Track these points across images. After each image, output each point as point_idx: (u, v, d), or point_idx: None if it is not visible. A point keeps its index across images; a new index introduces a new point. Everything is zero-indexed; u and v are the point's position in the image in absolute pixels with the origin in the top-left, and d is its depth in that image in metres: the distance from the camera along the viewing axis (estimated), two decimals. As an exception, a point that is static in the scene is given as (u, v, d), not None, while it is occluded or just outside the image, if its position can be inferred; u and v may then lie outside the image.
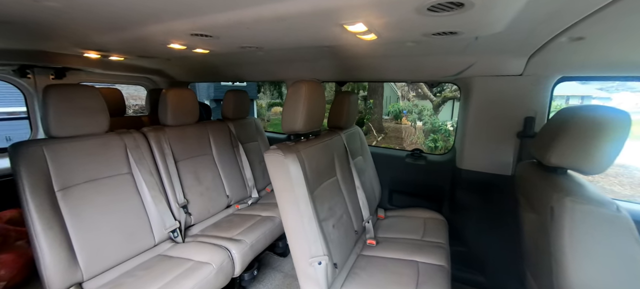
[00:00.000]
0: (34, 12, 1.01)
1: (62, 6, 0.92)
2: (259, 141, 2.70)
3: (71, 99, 1.39)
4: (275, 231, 1.97)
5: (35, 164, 1.26)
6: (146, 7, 0.94)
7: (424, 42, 1.33)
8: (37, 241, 1.20)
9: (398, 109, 10.92)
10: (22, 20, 1.14)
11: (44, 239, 1.21)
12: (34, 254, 1.21)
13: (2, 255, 1.80)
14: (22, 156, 1.24)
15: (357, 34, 1.13)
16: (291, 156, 1.22)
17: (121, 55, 2.04)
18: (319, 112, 1.48)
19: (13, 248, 1.87)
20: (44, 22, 1.14)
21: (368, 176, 2.09)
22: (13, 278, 1.79)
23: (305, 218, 1.23)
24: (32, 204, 1.21)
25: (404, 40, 1.28)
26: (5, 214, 2.04)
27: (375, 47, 1.47)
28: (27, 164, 1.24)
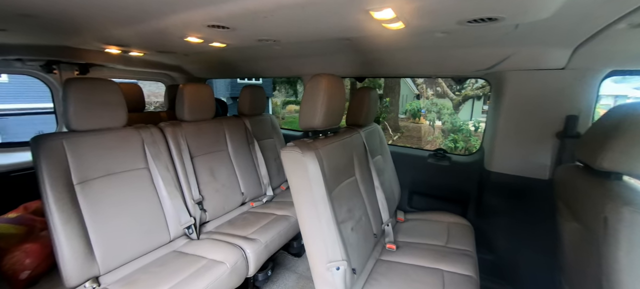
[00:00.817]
0: (57, 4, 0.99)
1: None
2: (275, 138, 2.66)
3: (90, 92, 1.40)
4: (290, 230, 1.91)
5: (55, 157, 1.27)
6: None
7: (455, 32, 1.21)
8: (56, 234, 1.21)
9: (416, 108, 10.60)
10: (46, 13, 1.14)
11: (62, 232, 1.22)
12: (53, 247, 1.22)
13: (28, 244, 1.86)
14: (43, 148, 1.25)
15: (382, 22, 1.04)
16: (309, 154, 1.15)
17: (141, 50, 2.06)
18: (339, 108, 1.40)
19: (38, 238, 1.92)
20: (67, 13, 1.13)
21: (387, 176, 1.98)
22: (37, 267, 1.84)
23: (323, 219, 1.16)
24: (51, 197, 1.22)
25: (434, 29, 1.17)
26: (32, 205, 2.11)
27: (399, 39, 1.37)
28: (47, 157, 1.25)
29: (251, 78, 14.08)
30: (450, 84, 9.57)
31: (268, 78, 12.44)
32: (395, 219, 1.98)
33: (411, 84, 15.46)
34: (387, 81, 10.00)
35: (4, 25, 1.34)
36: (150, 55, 2.30)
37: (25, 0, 0.99)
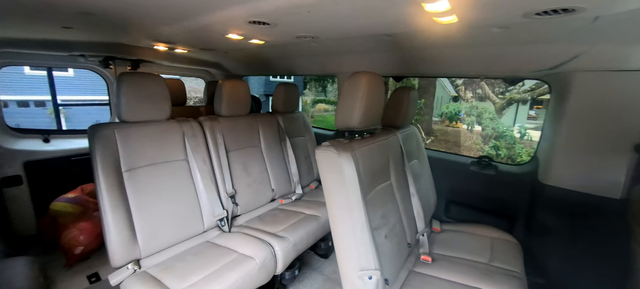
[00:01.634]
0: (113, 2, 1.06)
1: None
2: (306, 137, 2.65)
3: (140, 86, 1.49)
4: (319, 231, 1.88)
5: (107, 146, 1.37)
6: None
7: (516, 27, 1.07)
8: (105, 217, 1.30)
9: (454, 111, 9.96)
10: (104, 11, 1.22)
11: (110, 216, 1.31)
12: (103, 229, 1.31)
13: (82, 223, 2.06)
14: (98, 137, 1.35)
15: (434, 16, 0.95)
16: (345, 155, 1.10)
17: (185, 47, 2.16)
18: (378, 108, 1.33)
19: (91, 217, 2.12)
20: (121, 11, 1.21)
21: (424, 182, 1.86)
22: (89, 244, 2.03)
23: (357, 225, 1.10)
24: (103, 182, 1.32)
25: (491, 24, 1.05)
26: (87, 187, 2.33)
27: (448, 35, 1.26)
28: (101, 145, 1.35)
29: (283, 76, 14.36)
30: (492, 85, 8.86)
31: (301, 76, 12.59)
32: (430, 228, 1.86)
33: (447, 85, 14.64)
34: (421, 81, 9.56)
35: (70, 23, 1.47)
36: (193, 52, 2.42)
37: (85, 2, 1.07)
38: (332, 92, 17.30)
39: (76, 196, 2.19)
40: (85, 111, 9.85)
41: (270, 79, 13.70)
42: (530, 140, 8.13)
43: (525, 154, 7.19)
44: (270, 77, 13.50)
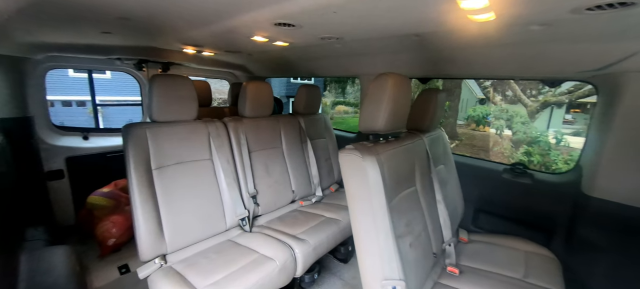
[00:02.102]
0: (147, 6, 1.11)
1: None
2: (327, 139, 2.63)
3: (170, 87, 1.55)
4: (339, 235, 1.85)
5: (139, 144, 1.44)
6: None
7: (560, 24, 0.98)
8: (135, 212, 1.36)
9: (482, 114, 9.46)
10: (139, 17, 1.28)
11: (140, 211, 1.37)
12: (133, 223, 1.37)
13: (115, 216, 2.18)
14: (131, 135, 1.42)
15: (469, 13, 0.89)
16: (370, 159, 1.07)
17: (212, 50, 2.23)
18: (404, 111, 1.28)
19: (123, 211, 2.25)
20: (155, 17, 1.27)
21: (450, 188, 1.77)
22: (121, 237, 2.15)
23: (381, 232, 1.06)
24: (134, 179, 1.38)
25: (532, 21, 0.97)
26: (120, 182, 2.47)
27: (483, 33, 1.18)
28: (133, 143, 1.42)
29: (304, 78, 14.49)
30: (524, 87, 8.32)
31: (322, 78, 12.62)
32: (457, 238, 1.76)
33: (474, 87, 14.00)
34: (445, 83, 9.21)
35: (109, 28, 1.57)
36: (219, 55, 2.49)
37: (123, 6, 1.12)
38: (352, 94, 17.18)
39: (110, 190, 2.33)
40: (120, 110, 10.56)
41: (291, 81, 13.88)
42: (567, 146, 7.53)
43: (562, 161, 6.67)
44: (290, 79, 13.68)
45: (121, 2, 1.05)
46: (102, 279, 1.89)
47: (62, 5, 1.07)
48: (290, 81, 13.88)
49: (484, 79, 7.52)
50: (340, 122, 13.08)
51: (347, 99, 17.10)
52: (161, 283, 1.27)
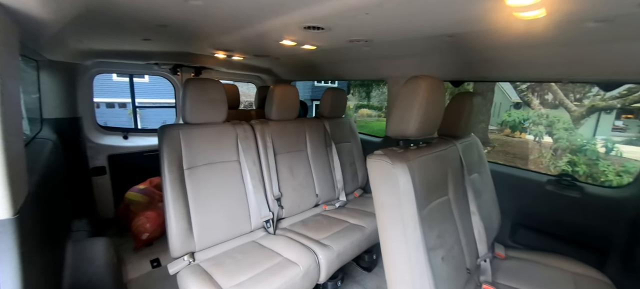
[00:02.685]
0: (184, 13, 1.16)
1: (204, 4, 1.00)
2: (352, 143, 2.59)
3: (203, 91, 1.61)
4: (363, 242, 1.80)
5: (173, 144, 1.50)
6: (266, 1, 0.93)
7: (622, 19, 0.87)
8: (167, 210, 1.42)
9: (518, 119, 8.78)
10: (176, 24, 1.35)
11: (172, 209, 1.42)
12: (165, 220, 1.44)
13: (149, 212, 2.31)
14: (166, 136, 1.49)
15: (515, 11, 0.82)
16: (401, 166, 1.02)
17: (241, 54, 2.30)
18: (436, 116, 1.21)
19: (156, 208, 2.37)
20: (190, 23, 1.32)
21: (486, 199, 1.65)
22: (154, 232, 2.27)
23: (411, 244, 1.00)
24: (167, 178, 1.44)
25: (588, 17, 0.87)
26: (155, 180, 2.62)
27: (530, 32, 1.09)
28: (168, 144, 1.48)
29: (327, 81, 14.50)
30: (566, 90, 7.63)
31: (348, 80, 12.58)
32: (493, 253, 1.63)
33: (508, 90, 13.13)
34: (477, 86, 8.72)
35: (149, 35, 1.67)
36: (247, 59, 2.56)
37: (163, 14, 1.18)
38: (376, 98, 16.90)
39: (145, 187, 2.48)
40: (156, 112, 11.31)
41: (314, 84, 13.99)
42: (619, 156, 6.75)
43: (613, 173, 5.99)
44: (314, 82, 13.79)
45: (161, 11, 1.11)
46: (135, 271, 2.00)
47: (109, 15, 1.15)
48: (314, 84, 14.00)
49: (524, 82, 7.00)
50: (363, 126, 12.92)
51: (371, 102, 16.85)
52: (189, 280, 1.30)
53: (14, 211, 0.68)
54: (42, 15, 0.77)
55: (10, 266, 0.67)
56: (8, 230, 0.66)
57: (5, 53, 0.66)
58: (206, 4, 1.02)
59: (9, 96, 0.68)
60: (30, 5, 0.70)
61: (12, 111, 0.70)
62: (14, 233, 0.67)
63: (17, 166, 0.72)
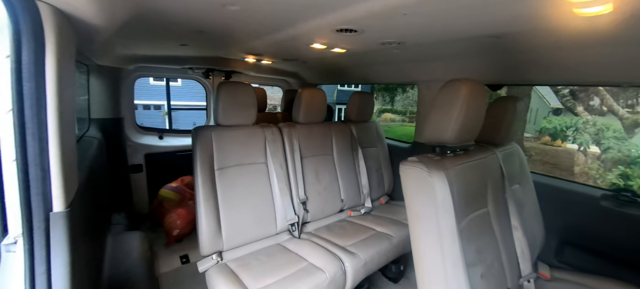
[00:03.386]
0: (221, 18, 1.19)
1: (241, 8, 1.03)
2: (379, 148, 2.52)
3: (234, 93, 1.66)
4: (391, 252, 1.73)
5: (205, 145, 1.55)
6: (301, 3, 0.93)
7: None
8: (199, 209, 1.46)
9: (561, 126, 8.03)
10: (212, 29, 1.40)
11: (203, 208, 1.46)
12: (196, 219, 1.48)
13: (180, 209, 2.41)
14: (199, 137, 1.55)
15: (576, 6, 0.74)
16: (438, 175, 0.96)
17: (270, 58, 2.34)
18: (476, 123, 1.14)
19: (186, 205, 2.47)
20: (226, 28, 1.36)
21: (528, 213, 1.51)
22: (184, 228, 2.36)
23: (448, 258, 0.93)
24: (200, 177, 1.49)
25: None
26: (186, 179, 2.73)
27: (589, 30, 0.98)
28: (201, 145, 1.54)
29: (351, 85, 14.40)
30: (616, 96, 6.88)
31: (370, 85, 12.43)
32: (536, 273, 1.48)
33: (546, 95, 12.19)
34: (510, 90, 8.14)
35: (186, 41, 1.75)
36: (276, 63, 2.60)
37: (201, 20, 1.23)
38: (400, 102, 16.48)
39: (177, 185, 2.59)
40: (187, 114, 11.94)
41: (338, 88, 13.96)
42: None
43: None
44: (337, 86, 13.76)
45: (200, 16, 1.15)
46: (166, 266, 2.09)
47: (153, 21, 1.22)
48: (337, 88, 13.98)
49: (577, 86, 6.43)
50: (387, 131, 12.61)
51: (394, 107, 16.45)
52: (217, 279, 1.33)
53: (66, 204, 0.73)
54: (97, 21, 0.83)
55: (61, 255, 0.71)
56: (61, 222, 0.71)
57: (64, 60, 0.71)
58: (243, 8, 1.04)
59: (65, 99, 0.73)
60: (88, 13, 0.75)
61: (68, 113, 0.75)
62: (65, 225, 0.71)
63: (71, 163, 0.77)
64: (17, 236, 0.77)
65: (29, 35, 0.62)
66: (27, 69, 0.63)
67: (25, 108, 0.64)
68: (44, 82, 0.66)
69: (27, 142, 0.66)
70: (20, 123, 0.64)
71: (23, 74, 0.63)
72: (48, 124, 0.67)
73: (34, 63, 0.64)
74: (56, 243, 0.71)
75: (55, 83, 0.68)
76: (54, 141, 0.69)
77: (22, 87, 0.63)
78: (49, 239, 0.70)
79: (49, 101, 0.67)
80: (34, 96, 0.65)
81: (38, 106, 0.65)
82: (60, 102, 0.69)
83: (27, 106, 0.64)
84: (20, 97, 0.63)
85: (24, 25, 0.62)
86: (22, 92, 0.63)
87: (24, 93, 0.63)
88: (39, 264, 0.69)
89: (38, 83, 0.65)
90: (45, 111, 0.67)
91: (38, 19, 0.63)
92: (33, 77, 0.64)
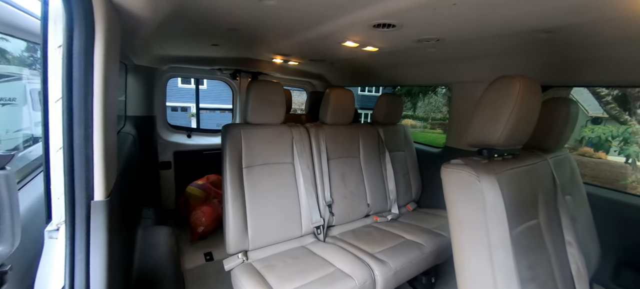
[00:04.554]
0: (257, 14, 1.18)
1: (277, 3, 1.01)
2: (406, 152, 2.42)
3: (264, 92, 1.65)
4: (422, 262, 1.62)
5: (235, 143, 1.55)
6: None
7: None
8: (226, 207, 1.46)
9: (606, 136, 7.29)
10: (245, 25, 1.40)
11: (231, 206, 1.45)
12: (223, 216, 1.47)
13: (205, 207, 2.44)
14: (229, 134, 1.55)
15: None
16: (488, 179, 0.87)
17: (298, 59, 2.33)
18: (529, 125, 1.03)
19: (211, 203, 2.50)
20: (259, 25, 1.35)
21: (581, 227, 1.35)
22: (208, 226, 2.39)
23: (500, 272, 0.84)
24: (228, 175, 1.49)
25: None
26: (211, 177, 2.78)
27: None
28: (230, 142, 1.54)
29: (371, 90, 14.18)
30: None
31: (403, 87, 12.15)
32: (592, 296, 1.32)
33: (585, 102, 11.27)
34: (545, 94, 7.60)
35: (218, 40, 1.77)
36: (301, 65, 2.60)
37: (236, 16, 1.23)
38: (421, 108, 15.99)
39: (203, 183, 2.64)
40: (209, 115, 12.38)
41: (359, 92, 13.83)
42: None
43: None
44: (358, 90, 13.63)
45: (236, 12, 1.15)
46: (191, 262, 2.11)
47: (191, 16, 1.23)
48: (358, 92, 13.85)
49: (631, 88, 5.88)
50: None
51: (416, 113, 16.00)
52: (243, 278, 1.30)
53: (106, 193, 0.73)
54: (142, 13, 0.84)
55: (100, 243, 0.71)
56: (101, 210, 0.72)
57: (111, 52, 0.73)
58: (279, 4, 1.02)
59: (110, 90, 0.74)
60: (135, 3, 0.76)
61: (111, 105, 0.76)
62: (104, 213, 0.72)
63: (111, 155, 0.78)
64: (60, 222, 0.79)
65: (80, 25, 0.63)
66: (77, 59, 0.64)
67: (74, 97, 0.65)
68: (92, 71, 0.67)
69: (74, 131, 0.67)
70: (69, 111, 0.65)
71: (73, 64, 0.64)
72: (93, 114, 0.68)
73: (84, 53, 0.65)
74: (95, 231, 0.71)
75: (102, 73, 0.68)
76: (98, 130, 0.70)
77: (72, 77, 0.64)
78: (90, 227, 0.71)
79: (96, 90, 0.68)
80: (82, 85, 0.65)
81: (85, 95, 0.66)
82: (106, 93, 0.70)
83: (76, 95, 0.65)
84: (69, 87, 0.64)
85: (76, 14, 0.63)
86: (71, 82, 0.64)
87: (74, 82, 0.64)
88: (78, 251, 0.70)
89: (87, 72, 0.66)
90: (92, 100, 0.68)
91: (90, 8, 0.64)
92: (82, 67, 0.65)
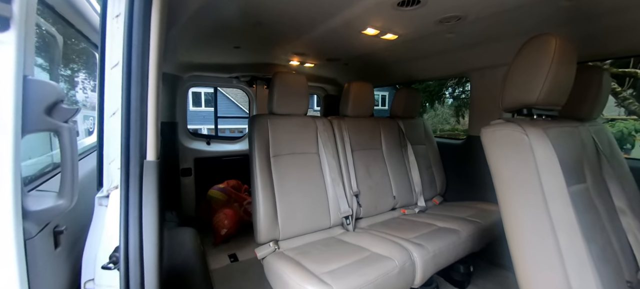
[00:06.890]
0: (280, 3, 1.23)
1: None
2: (427, 146, 2.39)
3: (289, 83, 1.69)
4: (459, 247, 1.55)
5: (262, 132, 1.57)
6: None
7: None
8: (256, 196, 1.45)
9: (627, 130, 6.84)
10: (271, 21, 1.45)
11: (261, 195, 1.45)
12: (253, 206, 1.46)
13: (227, 209, 2.43)
14: (256, 124, 1.57)
15: None
16: (536, 133, 0.85)
17: (313, 60, 2.38)
18: (567, 85, 1.02)
19: (232, 206, 2.49)
20: (283, 16, 1.39)
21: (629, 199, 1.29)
22: (230, 228, 2.36)
23: (562, 227, 0.80)
24: (257, 164, 1.50)
25: None
26: (231, 182, 2.79)
27: None
28: (258, 131, 1.56)
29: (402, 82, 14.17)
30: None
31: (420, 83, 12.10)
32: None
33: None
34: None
35: (240, 41, 1.84)
36: (316, 68, 2.65)
37: (259, 11, 1.28)
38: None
39: (224, 186, 2.65)
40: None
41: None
42: None
43: None
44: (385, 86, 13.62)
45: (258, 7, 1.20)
46: (216, 263, 2.08)
47: (217, 11, 1.29)
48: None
49: None
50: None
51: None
52: (279, 263, 1.27)
53: (156, 155, 0.76)
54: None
55: (151, 201, 0.73)
56: (152, 170, 0.74)
57: (162, 25, 0.76)
58: None
59: (160, 59, 0.77)
60: None
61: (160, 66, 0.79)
62: (155, 173, 0.74)
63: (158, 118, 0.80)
64: (110, 188, 0.80)
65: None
66: (137, 24, 0.68)
67: (133, 59, 0.68)
68: (149, 35, 0.71)
69: (131, 92, 0.69)
70: (128, 73, 0.68)
71: (133, 28, 0.68)
72: (149, 75, 0.71)
73: (142, 18, 0.68)
74: (147, 191, 0.73)
75: (157, 36, 0.72)
76: (152, 91, 0.72)
77: (132, 40, 0.68)
78: (142, 186, 0.72)
79: (152, 53, 0.71)
80: (140, 48, 0.69)
81: (142, 57, 0.69)
82: (159, 55, 0.74)
83: (134, 57, 0.68)
84: (129, 49, 0.68)
85: None
86: (131, 45, 0.68)
87: (133, 46, 0.68)
88: (132, 210, 0.71)
89: (144, 35, 0.69)
90: (148, 62, 0.71)
91: None
92: (140, 31, 0.68)
